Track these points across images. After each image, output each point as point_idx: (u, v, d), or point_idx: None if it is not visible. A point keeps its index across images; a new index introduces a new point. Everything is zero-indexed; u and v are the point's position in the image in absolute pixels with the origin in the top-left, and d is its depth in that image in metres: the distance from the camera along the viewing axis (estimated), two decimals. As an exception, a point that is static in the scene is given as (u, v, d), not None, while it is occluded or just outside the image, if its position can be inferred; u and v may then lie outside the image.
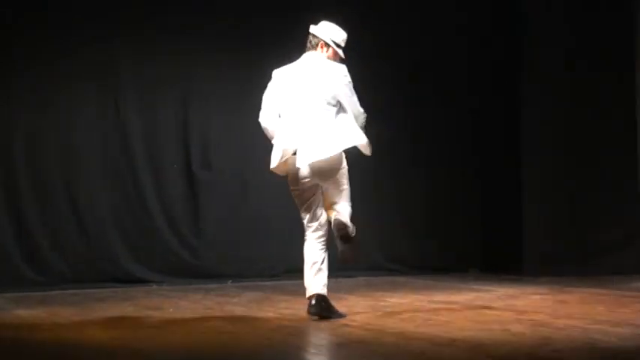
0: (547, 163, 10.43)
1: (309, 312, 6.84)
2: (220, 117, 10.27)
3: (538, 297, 8.16)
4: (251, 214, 10.21)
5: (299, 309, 7.20)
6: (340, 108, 6.90)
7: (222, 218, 10.24)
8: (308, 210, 6.93)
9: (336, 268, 9.87)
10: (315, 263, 6.88)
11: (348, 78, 6.90)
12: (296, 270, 8.11)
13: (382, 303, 7.96)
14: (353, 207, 7.01)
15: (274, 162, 6.88)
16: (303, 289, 7.06)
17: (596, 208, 10.22)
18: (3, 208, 9.63)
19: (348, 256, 6.91)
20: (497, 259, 10.85)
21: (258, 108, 7.13)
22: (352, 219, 6.96)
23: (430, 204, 11.04)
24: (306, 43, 7.05)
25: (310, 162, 6.77)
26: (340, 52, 7.01)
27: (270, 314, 7.22)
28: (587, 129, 10.29)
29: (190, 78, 10.29)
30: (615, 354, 5.25)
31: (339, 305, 7.39)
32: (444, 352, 5.41)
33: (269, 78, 7.10)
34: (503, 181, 11.01)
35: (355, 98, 6.94)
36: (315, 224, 6.92)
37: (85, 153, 9.91)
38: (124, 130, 10.04)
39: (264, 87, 7.10)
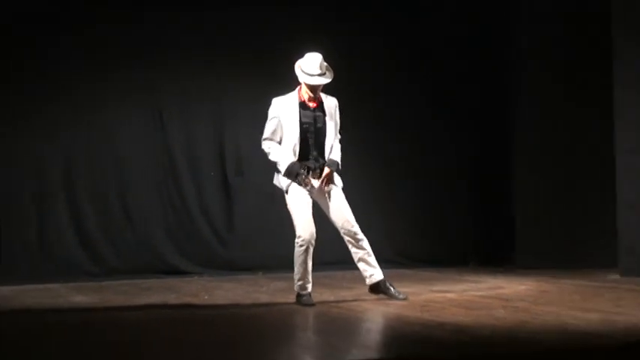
0: (537, 168, 10.33)
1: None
2: (251, 132, 10.29)
3: (524, 287, 8.17)
4: (278, 215, 10.21)
5: (315, 297, 7.30)
6: None
7: (253, 219, 10.30)
8: None
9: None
10: None
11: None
12: (317, 263, 8.23)
13: (389, 292, 8.08)
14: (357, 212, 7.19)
15: None
16: (322, 280, 7.24)
17: (582, 207, 10.12)
18: (65, 210, 9.79)
19: None
20: (494, 253, 10.85)
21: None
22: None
23: (435, 205, 11.07)
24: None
25: None
26: (303, 78, 7.08)
27: (291, 300, 7.31)
28: (575, 133, 10.14)
29: (226, 96, 10.39)
30: (581, 336, 5.33)
31: (349, 294, 7.55)
32: (434, 333, 5.50)
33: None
34: (498, 185, 11.04)
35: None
36: None
37: (134, 163, 10.03)
38: (168, 142, 10.18)
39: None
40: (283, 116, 7.11)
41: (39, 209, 9.76)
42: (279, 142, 7.21)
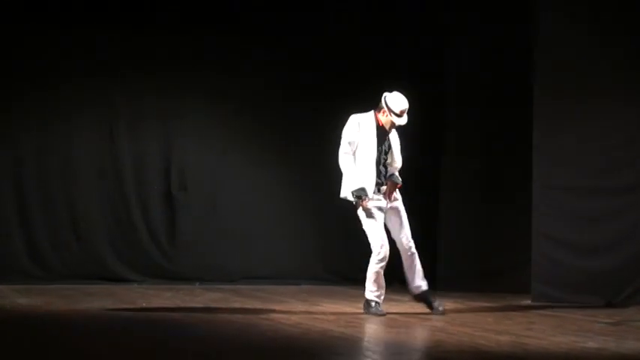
0: (461, 198, 10.45)
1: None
2: (195, 149, 10.28)
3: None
4: (216, 228, 10.20)
5: (247, 310, 7.22)
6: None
7: (193, 231, 10.20)
8: None
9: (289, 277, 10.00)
10: None
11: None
12: (251, 277, 8.14)
13: (317, 307, 7.98)
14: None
15: None
16: (255, 293, 7.16)
17: (500, 236, 10.15)
18: (13, 216, 9.68)
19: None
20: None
21: (226, 143, 7.22)
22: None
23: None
24: None
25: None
26: (393, 117, 7.13)
27: (223, 310, 7.26)
28: (495, 168, 10.20)
29: (172, 116, 10.27)
30: (493, 356, 5.30)
31: (280, 307, 7.46)
32: (355, 348, 5.48)
33: (237, 121, 7.06)
34: (425, 212, 11.04)
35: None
36: None
37: (82, 173, 9.93)
38: (116, 155, 10.06)
39: (234, 127, 6.98)
40: (362, 134, 7.15)
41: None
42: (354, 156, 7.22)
